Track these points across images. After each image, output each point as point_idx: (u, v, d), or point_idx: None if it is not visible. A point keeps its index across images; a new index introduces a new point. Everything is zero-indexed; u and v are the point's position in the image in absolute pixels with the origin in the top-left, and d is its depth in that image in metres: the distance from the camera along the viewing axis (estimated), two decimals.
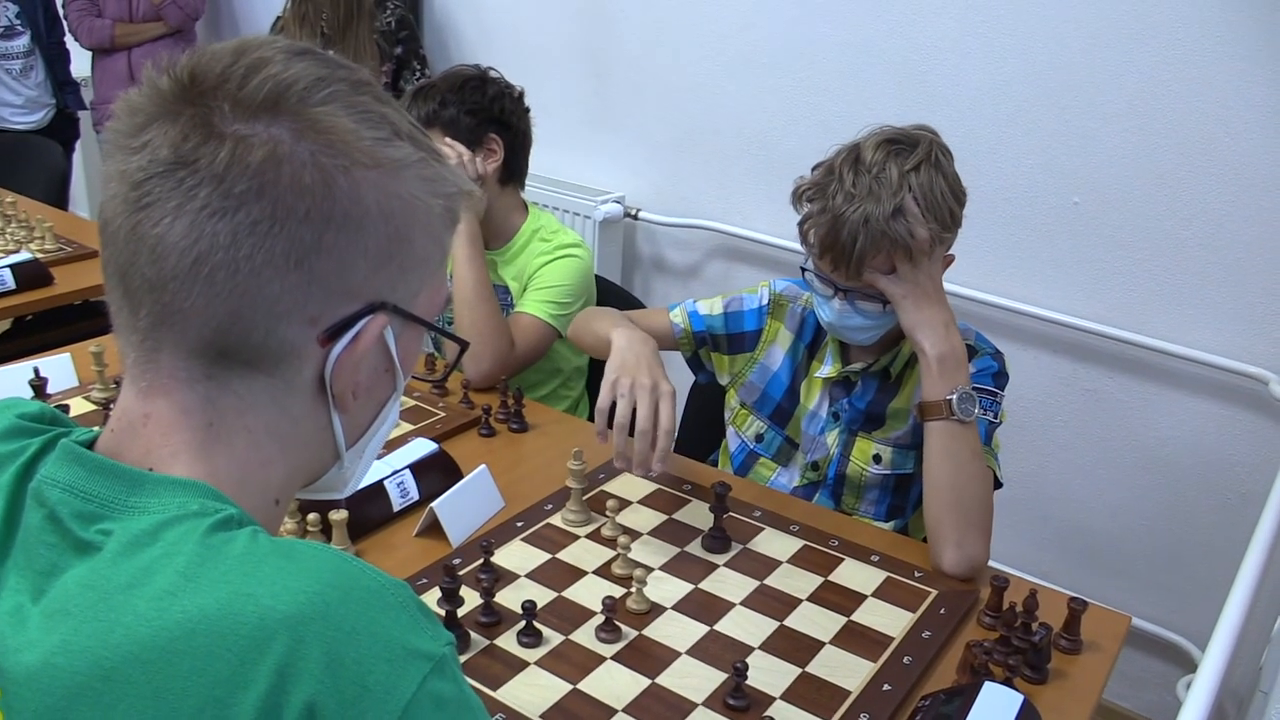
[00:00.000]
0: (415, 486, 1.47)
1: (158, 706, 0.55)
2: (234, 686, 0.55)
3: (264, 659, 0.56)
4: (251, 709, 0.55)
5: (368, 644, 0.58)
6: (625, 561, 1.32)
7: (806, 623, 1.24)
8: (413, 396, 1.79)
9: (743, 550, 1.39)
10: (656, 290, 2.99)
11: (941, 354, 1.36)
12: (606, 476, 1.56)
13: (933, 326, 1.37)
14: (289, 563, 0.60)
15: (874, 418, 1.55)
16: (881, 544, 1.42)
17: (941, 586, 1.32)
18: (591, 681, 1.13)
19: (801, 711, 1.10)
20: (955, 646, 1.22)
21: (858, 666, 1.17)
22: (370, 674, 0.57)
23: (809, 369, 1.60)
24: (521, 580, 1.30)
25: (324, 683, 0.56)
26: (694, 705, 1.10)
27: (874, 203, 1.33)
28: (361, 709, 0.56)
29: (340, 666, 0.57)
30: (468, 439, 1.68)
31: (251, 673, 0.55)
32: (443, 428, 1.68)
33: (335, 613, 0.58)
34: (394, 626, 0.59)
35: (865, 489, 1.58)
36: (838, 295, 1.42)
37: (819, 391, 1.58)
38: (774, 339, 1.63)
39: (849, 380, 1.56)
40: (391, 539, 1.40)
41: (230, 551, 0.60)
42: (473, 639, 1.18)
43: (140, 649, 0.56)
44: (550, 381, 2.08)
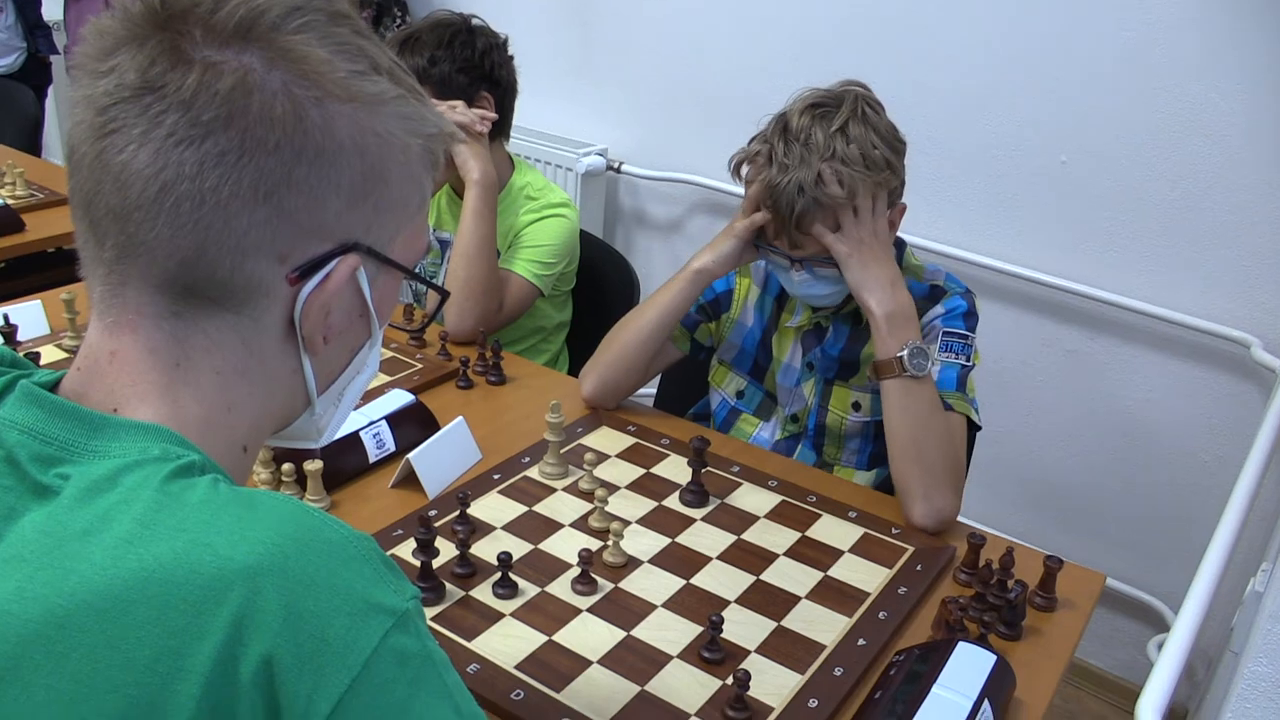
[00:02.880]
0: (391, 438, 1.46)
1: (112, 655, 0.54)
2: (189, 637, 0.54)
3: (220, 610, 0.55)
4: (207, 660, 0.54)
5: (327, 597, 0.57)
6: (602, 515, 1.32)
7: (783, 577, 1.24)
8: (390, 348, 1.78)
9: (720, 505, 1.39)
10: (638, 245, 2.98)
11: (889, 312, 1.37)
12: (584, 430, 1.56)
13: (879, 284, 1.37)
14: (248, 513, 0.59)
15: (848, 364, 1.55)
16: (859, 500, 1.43)
17: (918, 543, 1.33)
18: (567, 633, 1.13)
19: (776, 664, 1.10)
20: (931, 603, 1.23)
21: (833, 621, 1.17)
22: (329, 627, 0.56)
23: (779, 321, 1.60)
24: (498, 532, 1.30)
25: (282, 635, 0.55)
26: (669, 657, 1.10)
27: (805, 169, 1.35)
28: (320, 663, 0.56)
29: (298, 619, 0.56)
30: (445, 391, 1.67)
31: (207, 624, 0.54)
32: (420, 379, 1.67)
33: (294, 564, 0.57)
34: (355, 580, 0.58)
35: (846, 438, 1.58)
36: (794, 266, 1.43)
37: (791, 343, 1.58)
38: (745, 295, 1.64)
39: (820, 328, 1.56)
40: (367, 490, 1.39)
41: (189, 500, 0.59)
42: (448, 590, 1.18)
43: (95, 597, 0.55)
44: (531, 338, 2.07)
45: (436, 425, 1.49)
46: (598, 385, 1.60)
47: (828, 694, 1.06)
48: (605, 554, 1.25)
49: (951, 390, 1.40)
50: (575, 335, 2.15)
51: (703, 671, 1.08)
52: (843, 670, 1.09)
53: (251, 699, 0.55)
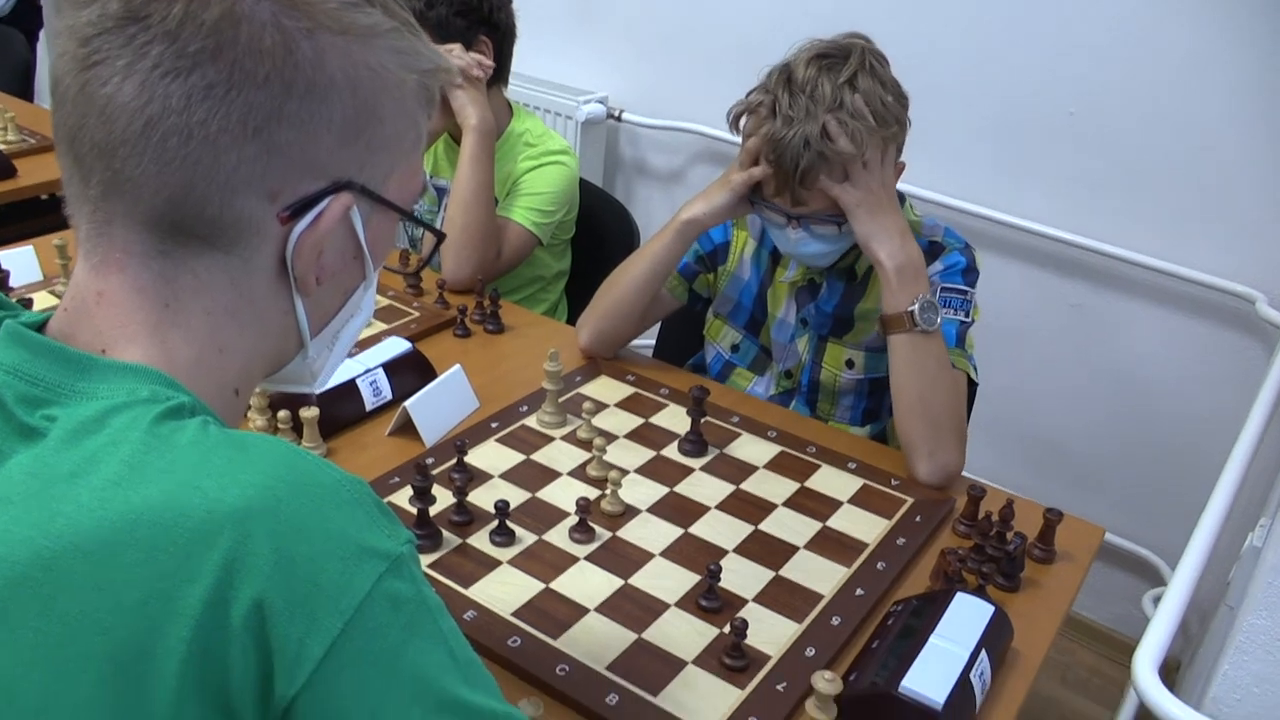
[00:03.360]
0: (388, 386, 1.45)
1: (100, 598, 0.53)
2: (179, 580, 0.54)
3: (210, 553, 0.54)
4: (197, 604, 0.53)
5: (319, 541, 0.56)
6: (600, 464, 1.32)
7: (781, 527, 1.24)
8: (387, 295, 1.77)
9: (719, 455, 1.38)
10: (639, 195, 2.95)
11: (899, 265, 1.34)
12: (583, 379, 1.55)
13: (888, 235, 1.34)
14: (239, 455, 0.58)
15: (842, 321, 1.54)
16: (859, 451, 1.42)
17: (917, 495, 1.33)
18: (564, 581, 1.13)
19: (773, 614, 1.10)
20: (929, 554, 1.23)
21: (831, 571, 1.17)
22: (322, 572, 0.55)
23: (774, 275, 1.59)
24: (495, 480, 1.30)
25: (273, 579, 0.54)
26: (666, 606, 1.10)
27: (811, 123, 1.31)
28: (312, 607, 0.55)
29: (290, 563, 0.55)
30: (442, 339, 1.66)
31: (197, 567, 0.54)
32: (417, 327, 1.66)
33: (286, 508, 0.56)
34: (348, 523, 0.58)
35: (839, 395, 1.58)
36: (791, 224, 1.40)
37: (785, 298, 1.57)
38: (741, 248, 1.62)
39: (814, 284, 1.55)
40: (363, 438, 1.39)
41: (178, 441, 0.58)
42: (445, 538, 1.18)
43: (82, 539, 0.54)
44: (529, 287, 2.06)
45: (434, 373, 1.48)
46: (594, 335, 1.59)
47: (825, 643, 1.06)
48: (603, 503, 1.25)
49: (951, 347, 1.39)
50: (574, 285, 2.13)
51: (700, 620, 1.08)
52: (840, 620, 1.10)
53: (243, 643, 0.54)
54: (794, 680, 1.01)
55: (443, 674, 0.59)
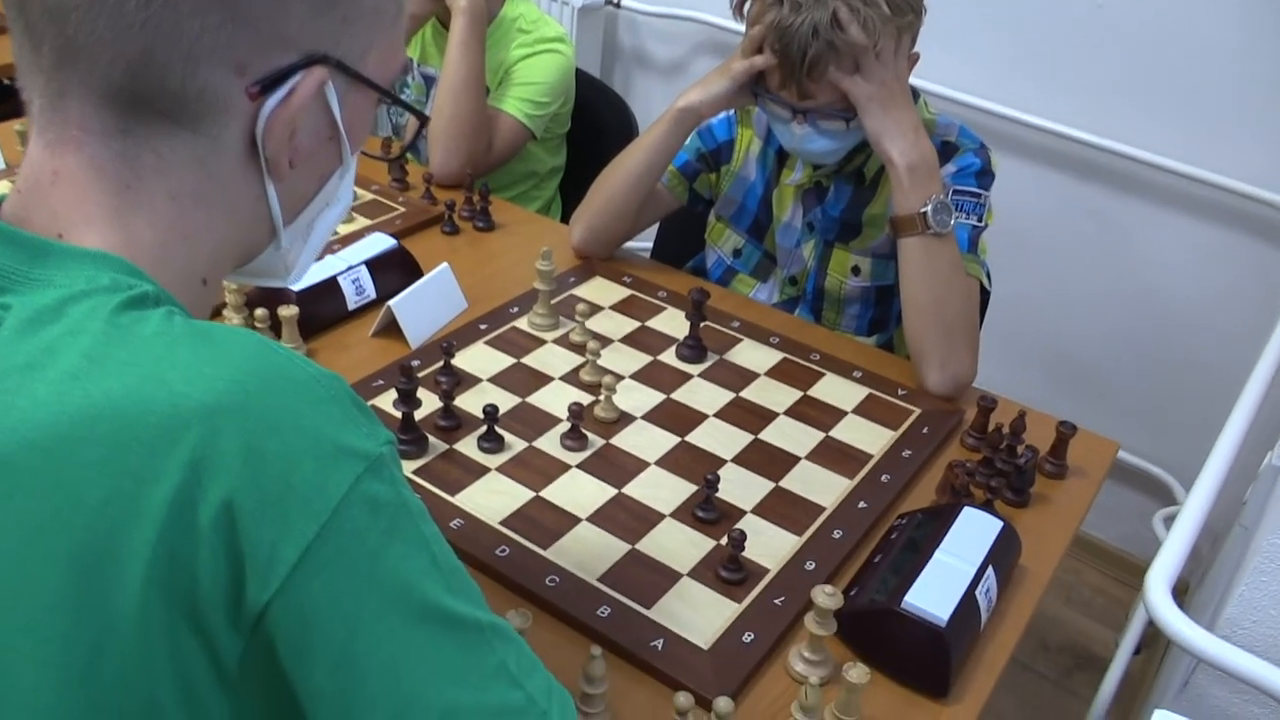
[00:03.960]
0: (372, 284, 1.44)
1: (59, 497, 0.52)
2: (143, 479, 0.52)
3: (175, 451, 0.52)
4: (162, 503, 0.52)
5: (293, 438, 0.54)
6: (594, 368, 1.30)
7: (782, 437, 1.23)
8: (370, 190, 1.74)
9: (719, 361, 1.37)
10: (638, 87, 2.89)
11: (911, 163, 1.30)
12: (577, 280, 1.53)
13: (900, 131, 1.30)
14: (206, 347, 0.56)
15: (850, 226, 1.51)
16: (864, 360, 1.41)
17: (925, 405, 1.32)
18: (555, 489, 1.12)
19: (772, 525, 1.10)
20: (936, 467, 1.23)
21: (833, 483, 1.17)
22: (295, 471, 0.54)
23: (780, 177, 1.55)
24: (484, 384, 1.28)
25: (242, 479, 0.53)
26: (661, 516, 1.10)
27: (821, 9, 1.26)
28: (284, 508, 0.53)
29: (261, 461, 0.53)
30: (429, 236, 1.64)
31: (162, 465, 0.52)
32: (402, 224, 1.64)
33: (256, 403, 0.54)
34: (324, 421, 0.56)
35: (845, 303, 1.56)
36: (796, 118, 1.36)
37: (791, 201, 1.54)
38: (747, 147, 1.58)
39: (820, 187, 1.52)
40: (345, 338, 1.37)
41: (141, 332, 0.56)
42: (430, 443, 1.17)
43: (40, 435, 0.53)
44: (522, 183, 2.02)
45: (420, 272, 1.46)
46: (587, 233, 1.57)
47: (825, 557, 1.06)
48: (597, 409, 1.24)
49: (963, 252, 1.36)
50: (569, 182, 2.10)
51: (696, 531, 1.08)
52: (842, 533, 1.09)
53: (212, 545, 0.53)
54: (793, 594, 1.01)
55: (424, 580, 0.57)
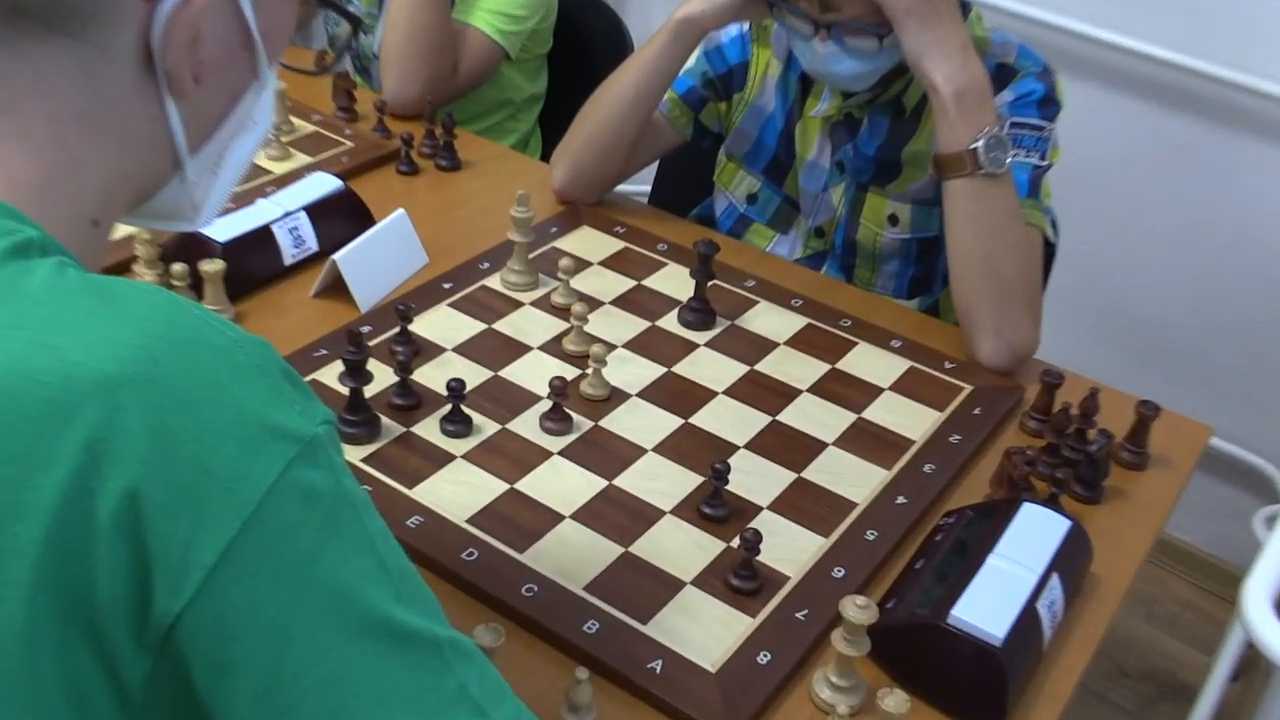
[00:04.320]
0: (313, 234, 1.44)
1: None
2: (29, 466, 0.52)
3: (69, 431, 0.53)
4: (53, 494, 0.52)
5: (210, 416, 0.55)
6: (580, 336, 1.31)
7: (806, 419, 1.25)
8: (312, 121, 1.74)
9: (730, 327, 1.38)
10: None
11: (959, 89, 1.30)
12: (560, 230, 1.54)
13: (946, 51, 1.30)
14: (106, 306, 0.56)
15: (887, 166, 1.52)
16: (905, 326, 1.42)
17: (978, 381, 1.33)
18: (533, 481, 1.13)
19: (793, 524, 1.11)
20: (991, 455, 1.24)
21: (867, 474, 1.18)
22: (213, 455, 0.54)
23: (803, 108, 1.56)
24: (448, 355, 1.30)
25: (150, 465, 0.53)
26: (660, 513, 1.11)
27: None
28: (201, 500, 0.54)
29: (172, 444, 0.54)
30: (382, 177, 1.65)
31: (53, 449, 0.52)
32: (350, 161, 1.64)
33: (166, 374, 0.54)
34: (247, 396, 0.56)
35: (881, 258, 1.57)
36: (819, 33, 1.36)
37: (817, 136, 1.55)
38: (763, 72, 1.58)
39: (852, 119, 1.52)
40: (282, 299, 1.38)
41: (27, 288, 0.56)
42: (384, 425, 1.18)
43: None
44: (494, 113, 2.03)
45: (371, 220, 1.47)
46: (571, 172, 1.58)
47: (857, 562, 1.07)
48: (583, 384, 1.25)
49: (1023, 197, 1.37)
50: (550, 112, 2.10)
51: (702, 531, 1.09)
52: (876, 534, 1.11)
53: (112, 544, 0.53)
54: (818, 606, 1.02)
55: (368, 587, 0.58)
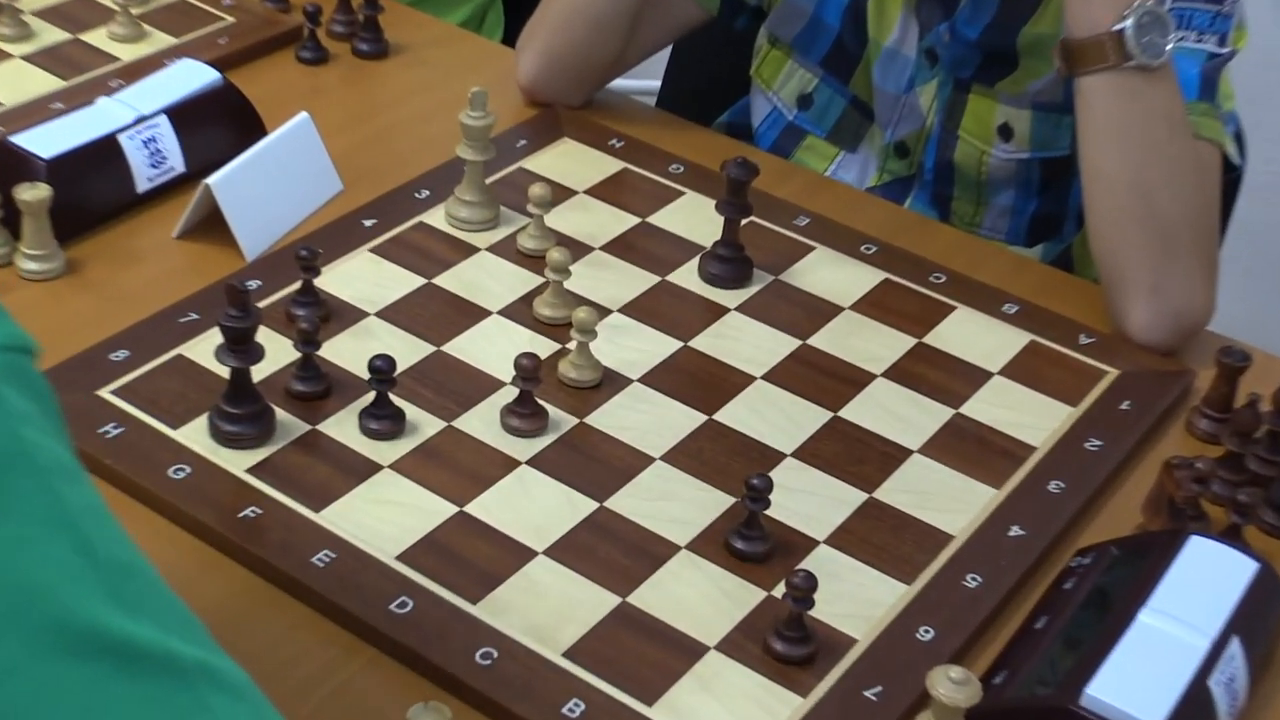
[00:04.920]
0: (178, 148, 1.45)
1: None
2: None
3: None
4: None
5: None
6: (559, 295, 1.31)
7: (880, 415, 1.25)
8: None
9: (773, 285, 1.38)
10: None
11: None
12: (530, 143, 1.55)
13: None
14: None
15: (997, 56, 1.53)
16: (1023, 283, 1.42)
17: (1127, 363, 1.33)
18: (492, 501, 1.13)
19: (861, 565, 1.11)
20: (1144, 467, 1.23)
21: (967, 494, 1.18)
22: None
23: None
24: (369, 322, 1.30)
25: None
26: (673, 549, 1.10)
27: None
28: None
29: None
30: (277, 66, 1.66)
31: None
32: (229, 43, 1.65)
33: None
34: None
35: (989, 187, 1.58)
36: None
37: (899, 13, 1.56)
38: None
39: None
40: (134, 240, 1.39)
41: None
42: (280, 420, 1.18)
43: None
44: None
45: (261, 129, 1.48)
46: (545, 61, 1.58)
47: (952, 619, 1.07)
48: (563, 365, 1.25)
49: (1192, 99, 1.38)
50: None
51: (732, 574, 1.09)
52: (980, 579, 1.10)
53: None
54: (896, 681, 1.01)
55: (64, 583, 0.57)
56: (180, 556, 1.06)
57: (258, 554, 1.06)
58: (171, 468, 1.11)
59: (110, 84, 1.49)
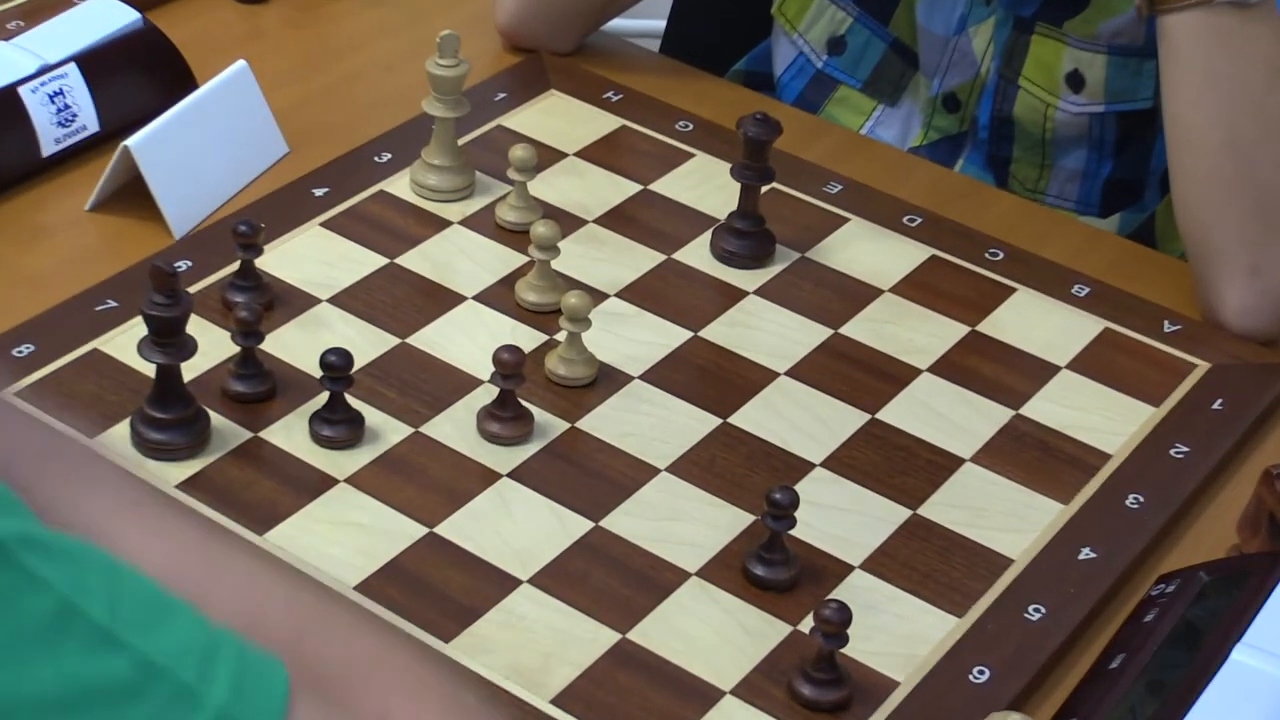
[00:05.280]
0: (90, 103, 1.45)
1: None
2: None
3: None
4: None
5: None
6: (545, 277, 1.32)
7: (927, 417, 1.26)
8: None
9: (799, 263, 1.39)
10: None
11: None
12: (510, 96, 1.55)
13: None
14: None
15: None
16: (1096, 260, 1.43)
17: (1219, 354, 1.33)
18: (468, 521, 1.14)
19: (903, 594, 1.12)
20: (1240, 479, 1.24)
21: (1029, 510, 1.18)
22: None
23: None
24: (321, 309, 1.31)
25: None
26: (682, 575, 1.11)
27: None
28: None
29: None
30: (208, 2, 1.65)
31: None
32: None
33: None
34: None
35: (1056, 146, 1.59)
36: None
37: None
38: None
39: None
40: (39, 214, 1.40)
41: None
42: (215, 426, 1.18)
43: None
44: None
45: (191, 80, 1.48)
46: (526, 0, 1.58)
47: (1013, 657, 1.07)
48: (552, 359, 1.26)
49: None
50: None
51: (751, 606, 1.10)
52: (1044, 611, 1.11)
53: None
54: None
55: None
56: None
57: None
58: None
59: (8, 26, 1.48)
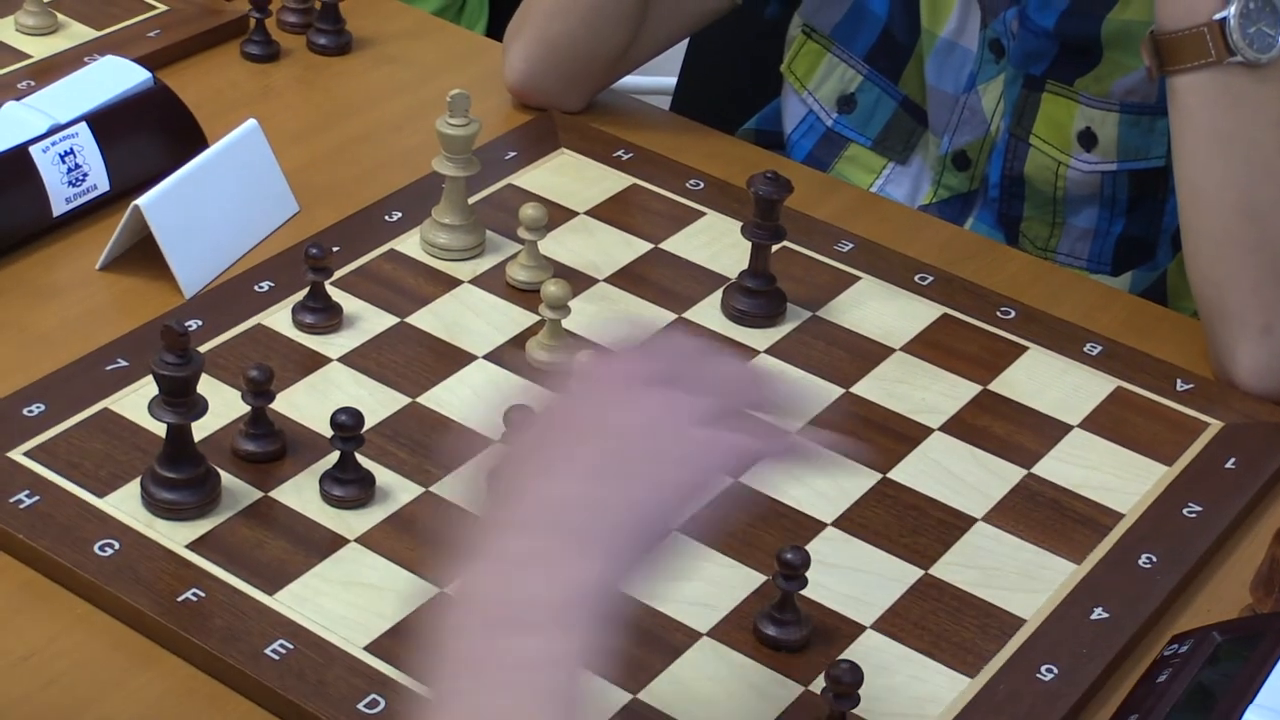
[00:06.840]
0: (101, 163, 1.45)
1: None
2: None
3: None
4: None
5: None
6: (556, 336, 1.32)
7: (939, 476, 1.26)
8: None
9: (810, 322, 1.39)
10: None
11: None
12: (520, 154, 1.55)
13: None
14: None
15: (1078, 48, 1.54)
16: (1109, 319, 1.43)
17: (1232, 413, 1.33)
18: None
19: (915, 654, 1.11)
20: (1253, 539, 1.24)
21: (1042, 570, 1.18)
22: None
23: None
24: (332, 369, 1.31)
25: None
26: (693, 635, 1.11)
27: None
28: None
29: None
30: (220, 63, 1.67)
31: None
32: (163, 37, 1.65)
33: None
34: None
35: (1067, 204, 1.59)
36: None
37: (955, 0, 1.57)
38: None
39: None
40: (50, 273, 1.40)
41: None
42: (226, 487, 1.18)
43: None
44: None
45: (201, 139, 1.48)
46: (539, 55, 1.59)
47: (1026, 718, 1.07)
48: None
49: None
50: None
51: (762, 665, 1.09)
52: (1057, 671, 1.10)
53: None
54: None
55: None
56: (108, 648, 1.06)
57: (200, 644, 1.04)
58: (97, 543, 1.10)
59: (19, 85, 1.49)
